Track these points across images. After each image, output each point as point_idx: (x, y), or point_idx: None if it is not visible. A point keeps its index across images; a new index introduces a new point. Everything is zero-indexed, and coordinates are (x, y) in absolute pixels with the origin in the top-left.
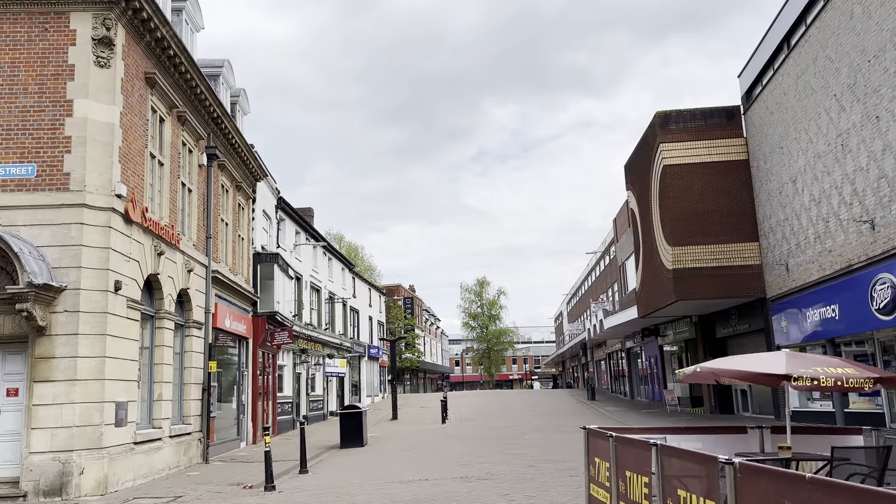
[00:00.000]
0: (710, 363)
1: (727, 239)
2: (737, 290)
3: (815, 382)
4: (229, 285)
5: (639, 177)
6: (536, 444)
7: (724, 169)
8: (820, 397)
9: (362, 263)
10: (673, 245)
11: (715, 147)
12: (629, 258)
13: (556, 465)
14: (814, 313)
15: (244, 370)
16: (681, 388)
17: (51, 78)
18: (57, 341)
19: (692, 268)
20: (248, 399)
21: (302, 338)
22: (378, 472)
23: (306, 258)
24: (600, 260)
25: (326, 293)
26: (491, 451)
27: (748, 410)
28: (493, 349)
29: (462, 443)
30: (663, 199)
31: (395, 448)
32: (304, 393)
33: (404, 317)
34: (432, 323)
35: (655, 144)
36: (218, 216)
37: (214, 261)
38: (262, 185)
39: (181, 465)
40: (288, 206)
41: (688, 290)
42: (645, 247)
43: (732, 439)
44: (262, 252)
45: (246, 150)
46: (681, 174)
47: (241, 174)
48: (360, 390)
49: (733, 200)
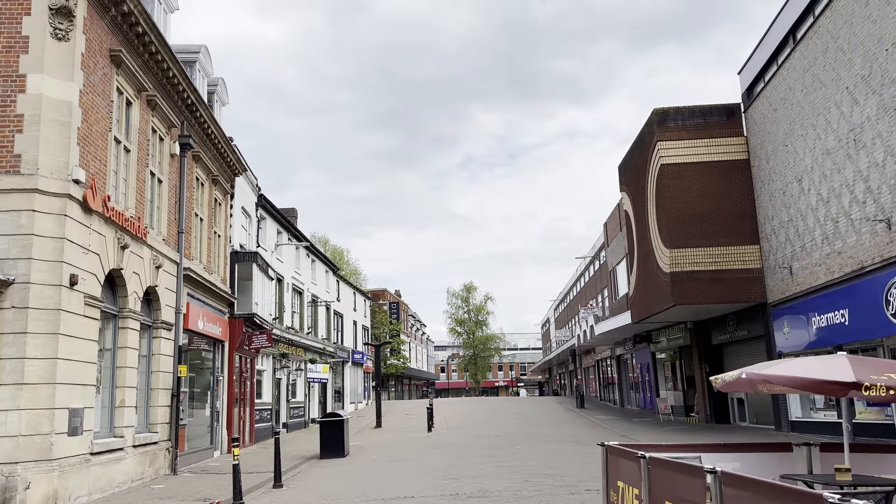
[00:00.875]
0: (758, 368)
1: (726, 242)
2: (737, 295)
3: (891, 392)
4: (203, 285)
5: (634, 177)
6: (529, 456)
7: (724, 169)
8: (823, 406)
9: (347, 267)
10: (670, 247)
11: (714, 146)
12: (620, 263)
13: (554, 481)
14: (820, 319)
15: (219, 375)
16: (674, 396)
17: (2, 50)
18: (2, 341)
19: (690, 271)
20: (223, 406)
21: (282, 342)
22: (359, 486)
23: (288, 259)
24: (590, 265)
25: (309, 296)
26: (482, 464)
27: (745, 419)
28: (479, 356)
29: (450, 453)
30: (660, 199)
31: (379, 459)
32: (284, 400)
33: (389, 322)
34: (418, 329)
35: (652, 143)
36: (192, 210)
37: (187, 258)
38: (241, 181)
39: (146, 477)
40: (269, 204)
41: (685, 295)
42: (640, 250)
43: (776, 459)
44: (241, 251)
45: (223, 142)
46: (679, 173)
47: (218, 167)
48: (343, 397)
49: (733, 201)
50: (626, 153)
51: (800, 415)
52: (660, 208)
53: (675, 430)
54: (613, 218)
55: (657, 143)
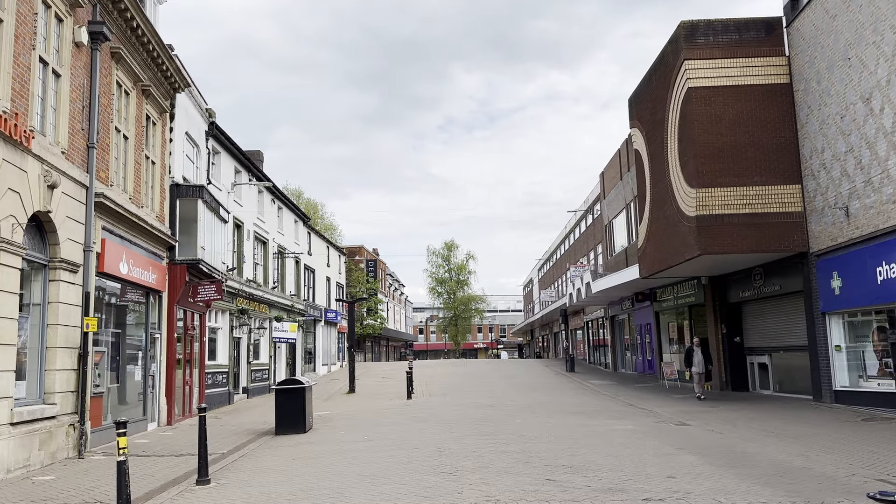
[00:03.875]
0: None
1: (762, 181)
2: (774, 243)
3: None
4: (129, 220)
5: (650, 108)
6: (536, 435)
7: (761, 94)
8: (878, 374)
9: (322, 223)
10: (697, 186)
11: (750, 66)
12: (619, 215)
13: (587, 480)
14: (890, 269)
15: (155, 332)
16: (679, 359)
17: None
18: None
19: (720, 214)
20: (159, 369)
21: (241, 296)
22: (314, 486)
23: (249, 203)
24: (581, 220)
25: (275, 247)
26: (480, 447)
27: (767, 387)
28: (460, 316)
29: (437, 429)
30: (686, 130)
31: (348, 437)
32: (244, 361)
33: (367, 280)
34: (396, 288)
35: (678, 62)
36: (109, 123)
37: (102, 182)
38: (185, 101)
39: (33, 463)
40: (224, 136)
41: (713, 243)
42: (654, 194)
43: None
44: (184, 184)
45: (157, 45)
46: (708, 99)
47: (150, 76)
48: (315, 358)
49: (771, 133)
50: (640, 82)
51: (846, 383)
52: (685, 141)
53: (687, 399)
54: (612, 166)
55: (684, 63)
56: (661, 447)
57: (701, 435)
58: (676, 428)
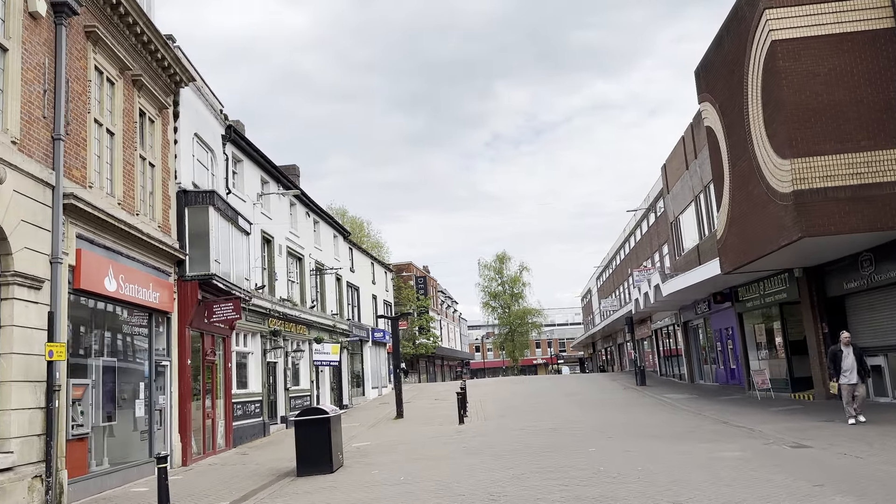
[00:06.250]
0: None
1: (871, 145)
2: (891, 220)
3: None
4: (118, 228)
5: (723, 76)
6: (619, 472)
7: (862, 42)
8: None
9: (368, 240)
10: (791, 156)
11: (847, 10)
12: (686, 210)
13: None
14: None
15: (161, 359)
16: (772, 366)
17: None
18: None
19: (822, 188)
20: (169, 401)
21: (274, 316)
22: None
23: (280, 216)
24: (642, 220)
25: (311, 263)
26: (545, 492)
27: (885, 394)
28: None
29: (491, 465)
30: (772, 91)
31: (381, 478)
32: (281, 388)
33: (416, 298)
34: (449, 306)
35: (756, 16)
36: (87, 113)
37: (76, 181)
38: (194, 99)
39: None
40: (245, 141)
41: (817, 223)
42: (735, 173)
43: None
44: (192, 190)
45: (146, 27)
46: (798, 52)
47: (142, 65)
48: (363, 381)
49: (878, 88)
50: (707, 50)
51: None
52: (771, 105)
53: (788, 412)
54: (676, 156)
55: (764, 13)
56: (792, 484)
57: (833, 461)
58: (795, 452)
